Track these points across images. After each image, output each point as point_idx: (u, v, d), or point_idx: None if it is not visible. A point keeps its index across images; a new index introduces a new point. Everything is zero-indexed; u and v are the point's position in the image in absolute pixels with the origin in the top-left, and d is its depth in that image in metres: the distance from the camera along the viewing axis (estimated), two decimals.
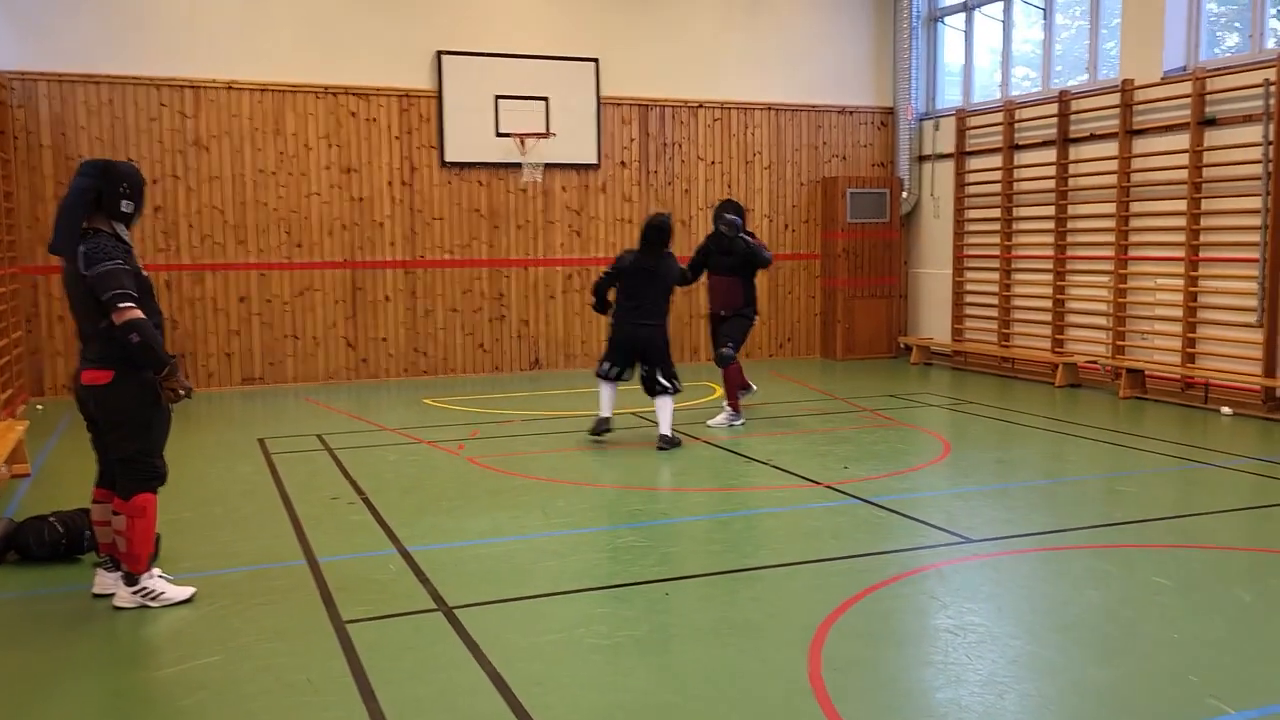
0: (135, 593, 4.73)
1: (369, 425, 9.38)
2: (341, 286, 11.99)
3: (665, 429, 8.21)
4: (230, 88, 11.42)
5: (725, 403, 9.15)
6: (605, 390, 8.43)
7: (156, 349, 4.54)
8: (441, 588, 4.95)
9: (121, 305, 4.48)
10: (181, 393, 4.64)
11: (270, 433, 9.02)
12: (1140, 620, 4.48)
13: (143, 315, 4.52)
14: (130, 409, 4.64)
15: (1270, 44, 9.86)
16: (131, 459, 4.69)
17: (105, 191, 4.63)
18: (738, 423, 9.01)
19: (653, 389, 8.35)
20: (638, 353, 8.34)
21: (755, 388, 9.76)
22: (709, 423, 9.02)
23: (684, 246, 13.18)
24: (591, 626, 4.48)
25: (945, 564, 5.28)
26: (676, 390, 8.36)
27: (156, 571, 4.84)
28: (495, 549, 5.62)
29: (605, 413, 8.41)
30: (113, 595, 4.80)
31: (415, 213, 12.19)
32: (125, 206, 4.68)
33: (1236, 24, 10.57)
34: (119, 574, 4.81)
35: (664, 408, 8.28)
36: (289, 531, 5.96)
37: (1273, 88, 9.27)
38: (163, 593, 4.76)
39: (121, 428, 4.67)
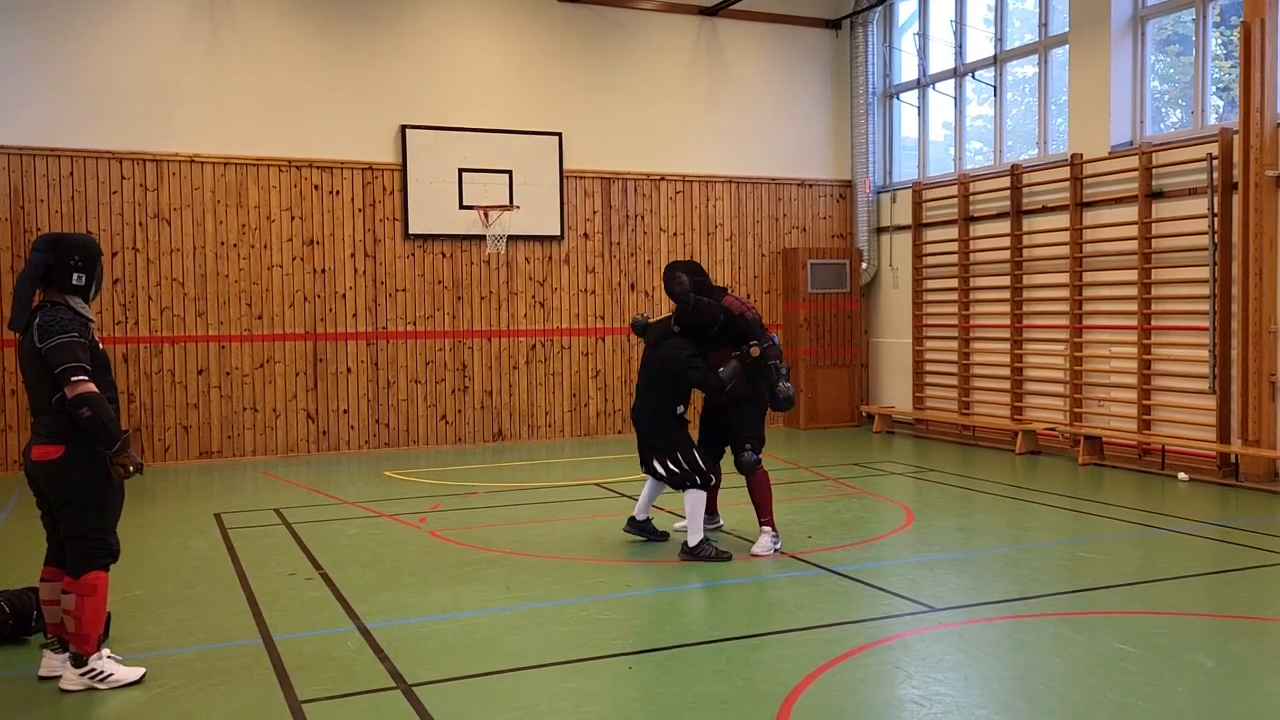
0: (83, 674, 4.59)
1: (329, 499, 9.25)
2: (302, 359, 11.91)
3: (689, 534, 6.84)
4: (193, 161, 11.43)
5: (760, 522, 7.03)
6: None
7: (108, 424, 4.47)
8: (401, 665, 4.85)
9: (74, 379, 4.42)
10: (131, 469, 4.56)
11: (227, 507, 8.87)
12: (1105, 688, 4.47)
13: (95, 389, 4.46)
14: (82, 485, 4.55)
15: (1212, 120, 10.19)
16: (83, 536, 4.59)
17: (55, 265, 4.59)
18: (778, 545, 6.97)
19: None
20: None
21: (720, 520, 7.65)
22: (754, 550, 6.92)
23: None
24: (554, 703, 4.40)
25: (911, 634, 5.25)
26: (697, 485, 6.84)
27: (106, 652, 4.71)
28: (457, 624, 5.53)
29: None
30: (59, 678, 4.65)
31: (378, 284, 12.19)
32: (76, 280, 4.62)
33: (1180, 101, 10.94)
34: (66, 655, 4.67)
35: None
36: (244, 609, 5.83)
37: (1215, 162, 9.57)
38: (112, 674, 4.62)
39: (73, 504, 4.57)
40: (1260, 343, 9.10)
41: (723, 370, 6.79)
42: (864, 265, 14.24)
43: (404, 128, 12.15)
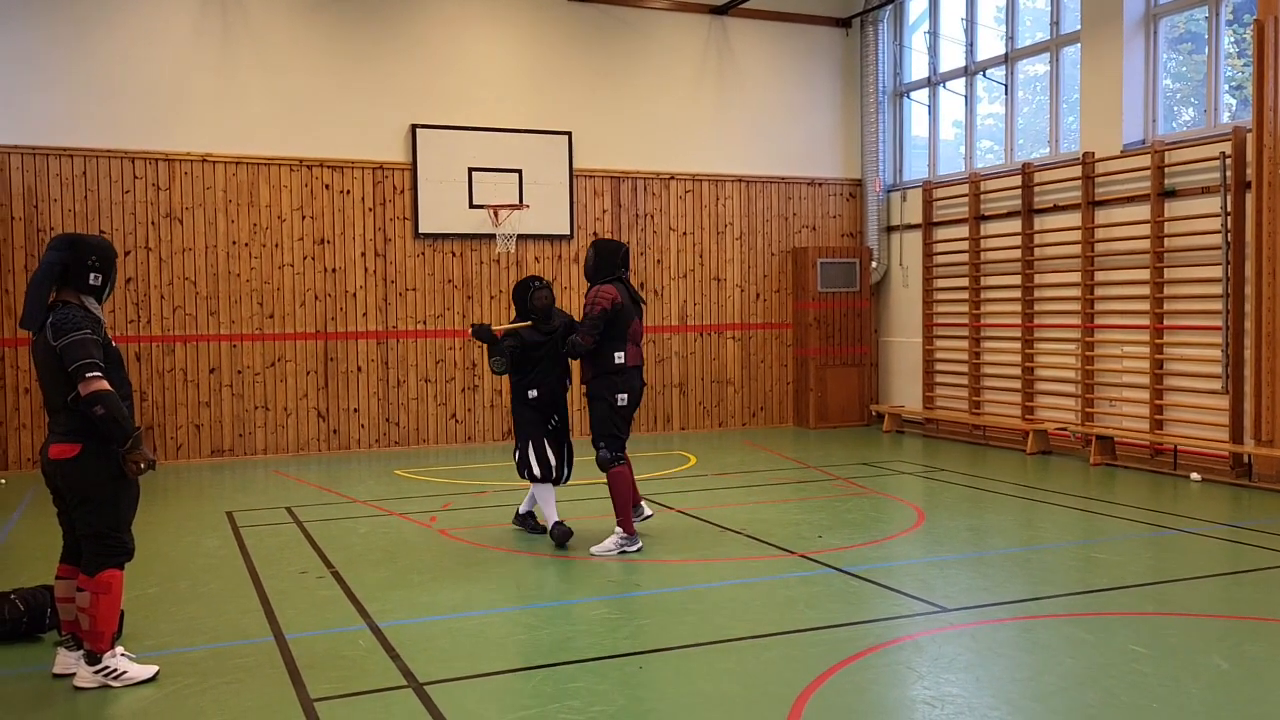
0: (97, 672, 4.61)
1: (339, 497, 9.27)
2: (313, 357, 11.94)
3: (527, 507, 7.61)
4: (205, 160, 11.47)
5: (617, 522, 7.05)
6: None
7: (121, 421, 4.48)
8: (412, 663, 4.86)
9: (89, 375, 4.44)
10: (144, 465, 4.58)
11: (238, 506, 8.89)
12: (1118, 689, 4.45)
13: (109, 387, 4.48)
14: (98, 483, 4.57)
15: (1225, 118, 10.14)
16: (99, 534, 4.61)
17: (72, 265, 4.61)
18: (632, 548, 6.97)
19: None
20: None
21: (648, 512, 7.65)
22: (593, 550, 6.99)
23: (656, 316, 13.29)
24: (565, 701, 4.40)
25: (922, 634, 5.24)
26: (527, 477, 7.37)
27: (119, 650, 4.73)
28: (467, 623, 5.54)
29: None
30: (73, 675, 4.67)
31: (388, 283, 12.21)
32: (93, 280, 4.65)
33: (1192, 99, 10.89)
34: (80, 653, 4.69)
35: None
36: (256, 607, 5.85)
37: (1228, 160, 9.52)
38: (125, 672, 4.64)
39: (89, 502, 4.59)
40: (1274, 342, 9.06)
41: (496, 357, 7.33)
42: (874, 264, 14.21)
43: (414, 127, 12.17)
